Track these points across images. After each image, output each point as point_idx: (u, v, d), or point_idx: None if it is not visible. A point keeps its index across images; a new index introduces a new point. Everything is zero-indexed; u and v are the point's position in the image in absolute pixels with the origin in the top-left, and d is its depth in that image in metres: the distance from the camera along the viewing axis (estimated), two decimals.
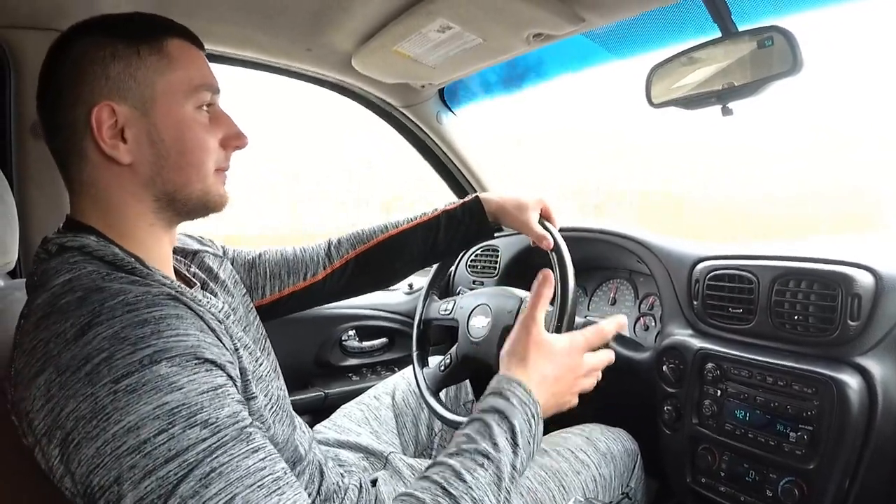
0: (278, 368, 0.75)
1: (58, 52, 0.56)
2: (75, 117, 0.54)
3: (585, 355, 0.68)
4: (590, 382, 0.69)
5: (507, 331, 0.92)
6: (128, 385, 0.42)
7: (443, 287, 1.59)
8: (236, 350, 0.56)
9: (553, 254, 0.84)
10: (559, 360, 0.66)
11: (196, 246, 0.76)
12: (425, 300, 1.09)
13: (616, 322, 0.72)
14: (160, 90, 0.56)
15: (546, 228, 0.87)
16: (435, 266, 1.10)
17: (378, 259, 0.92)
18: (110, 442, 0.41)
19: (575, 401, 0.68)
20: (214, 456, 0.42)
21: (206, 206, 0.61)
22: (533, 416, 0.60)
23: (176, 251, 0.68)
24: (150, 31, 0.57)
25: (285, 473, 0.46)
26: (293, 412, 0.73)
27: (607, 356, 0.71)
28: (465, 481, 0.52)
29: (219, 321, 0.55)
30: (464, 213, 0.92)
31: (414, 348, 1.06)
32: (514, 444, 0.56)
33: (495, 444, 0.55)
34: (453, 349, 1.01)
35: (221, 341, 0.52)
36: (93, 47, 0.55)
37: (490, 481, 0.53)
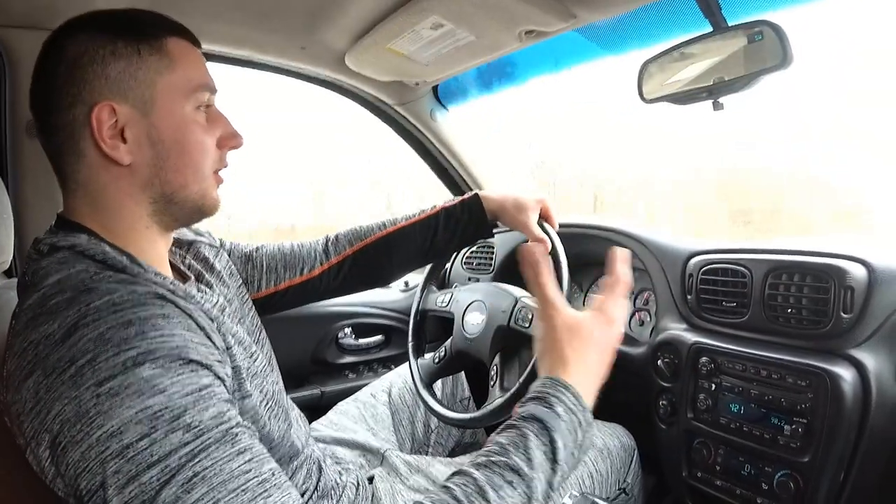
0: (273, 360, 0.75)
1: (53, 49, 0.54)
2: (73, 116, 0.53)
3: None
4: (618, 341, 0.64)
5: (500, 330, 0.92)
6: (111, 388, 0.42)
7: (439, 282, 1.59)
8: (229, 348, 0.55)
9: (549, 257, 0.84)
10: (598, 338, 0.61)
11: (191, 236, 0.76)
12: (423, 291, 1.10)
13: (624, 256, 0.66)
14: (161, 90, 0.55)
15: (544, 230, 0.87)
16: None
17: (376, 256, 0.91)
18: (94, 446, 0.41)
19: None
20: (197, 460, 0.42)
21: (201, 209, 0.61)
22: (580, 425, 0.55)
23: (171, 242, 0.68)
24: (150, 29, 0.56)
25: (273, 475, 0.45)
26: (289, 405, 0.72)
27: (626, 308, 0.67)
28: (488, 500, 0.48)
29: (211, 319, 0.54)
30: (463, 211, 0.91)
31: (410, 338, 1.06)
32: (554, 461, 0.51)
33: (529, 460, 0.50)
34: (448, 342, 1.01)
35: (211, 339, 0.51)
36: (91, 45, 0.53)
37: (518, 502, 0.49)
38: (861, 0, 0.85)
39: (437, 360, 1.01)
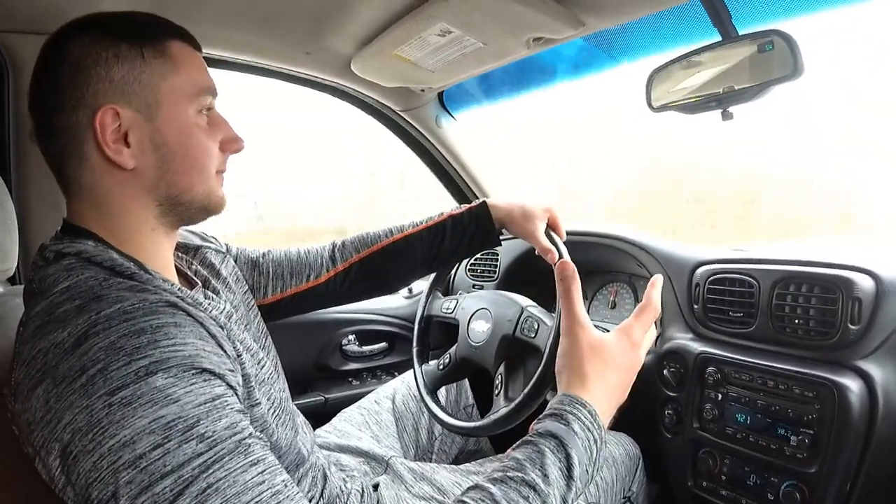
0: (279, 366, 0.75)
1: (55, 51, 0.54)
2: (77, 119, 0.53)
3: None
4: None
5: (505, 339, 0.92)
6: (123, 397, 0.41)
7: (444, 289, 1.59)
8: (238, 356, 0.55)
9: (557, 268, 0.83)
10: (620, 361, 0.61)
11: (198, 241, 0.76)
12: (428, 296, 1.10)
13: (659, 286, 0.66)
14: (164, 94, 0.55)
15: (552, 240, 0.85)
16: None
17: (382, 263, 0.91)
18: (106, 456, 0.41)
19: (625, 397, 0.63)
20: (211, 471, 0.41)
21: (207, 208, 0.61)
22: (595, 442, 0.56)
23: (178, 247, 0.68)
24: (153, 32, 0.56)
25: (285, 486, 0.45)
26: (295, 412, 0.72)
27: (653, 335, 0.67)
28: None
29: (220, 326, 0.54)
30: (470, 219, 0.90)
31: (414, 344, 1.06)
32: (569, 477, 0.52)
33: (545, 476, 0.51)
34: (453, 349, 1.01)
35: (223, 348, 0.51)
36: (94, 48, 0.53)
37: None
38: (873, 9, 0.84)
39: (441, 367, 1.01)
